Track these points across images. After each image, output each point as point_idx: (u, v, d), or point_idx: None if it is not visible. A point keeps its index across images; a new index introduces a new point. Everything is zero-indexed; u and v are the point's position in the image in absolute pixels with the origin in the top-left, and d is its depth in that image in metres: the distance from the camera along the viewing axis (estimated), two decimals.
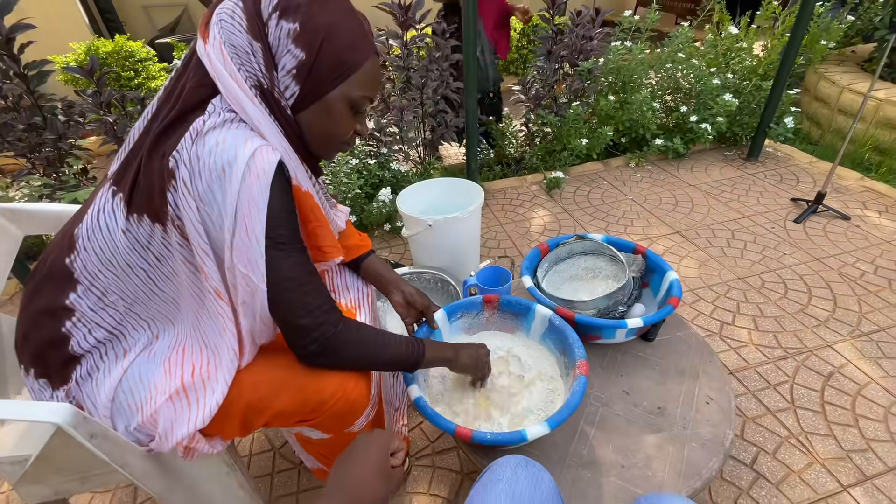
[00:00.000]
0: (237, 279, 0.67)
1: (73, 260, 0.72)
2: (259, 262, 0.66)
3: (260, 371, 0.78)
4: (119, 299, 0.74)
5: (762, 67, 2.87)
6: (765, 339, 1.58)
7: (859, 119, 2.05)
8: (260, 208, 0.64)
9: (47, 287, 0.75)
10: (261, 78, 0.66)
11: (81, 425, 0.65)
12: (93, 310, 0.74)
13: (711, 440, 0.95)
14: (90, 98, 2.23)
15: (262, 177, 0.64)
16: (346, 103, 0.71)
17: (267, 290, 0.68)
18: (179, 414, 0.73)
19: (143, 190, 0.67)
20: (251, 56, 0.65)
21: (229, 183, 0.62)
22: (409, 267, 1.73)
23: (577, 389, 0.88)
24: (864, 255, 1.94)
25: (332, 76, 0.68)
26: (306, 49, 0.66)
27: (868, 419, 1.30)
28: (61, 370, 0.75)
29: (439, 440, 1.33)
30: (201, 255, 0.67)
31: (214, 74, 0.64)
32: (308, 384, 0.79)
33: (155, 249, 0.70)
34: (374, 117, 2.48)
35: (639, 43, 2.80)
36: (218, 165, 0.62)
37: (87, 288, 0.73)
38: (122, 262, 0.71)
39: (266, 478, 1.27)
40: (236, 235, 0.64)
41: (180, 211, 0.65)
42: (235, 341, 0.74)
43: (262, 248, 0.66)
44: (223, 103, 0.65)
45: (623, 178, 2.69)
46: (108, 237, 0.70)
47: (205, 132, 0.63)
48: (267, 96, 0.67)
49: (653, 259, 1.26)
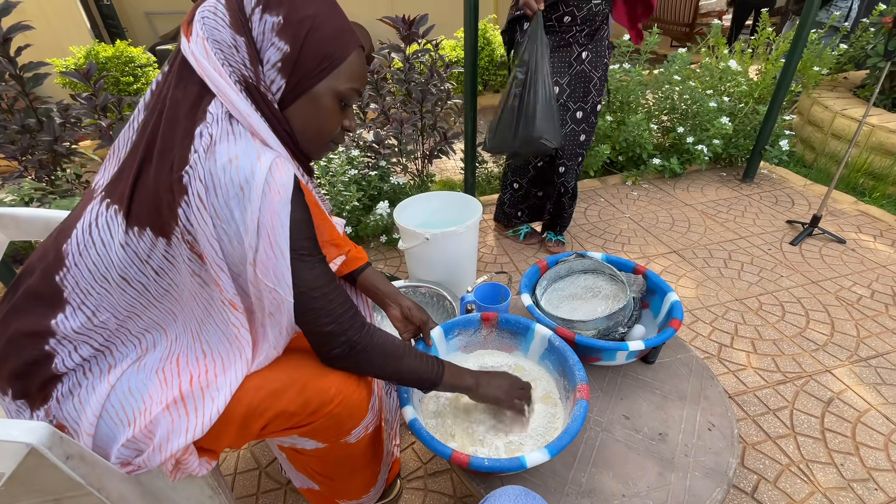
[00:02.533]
0: (262, 293, 0.68)
1: (63, 277, 0.69)
2: (286, 275, 0.67)
3: (260, 374, 0.76)
4: (111, 317, 0.71)
5: (758, 91, 2.91)
6: (763, 362, 1.56)
7: (853, 144, 2.07)
8: (283, 223, 0.65)
9: (31, 306, 0.71)
10: (245, 73, 0.65)
11: (57, 446, 0.61)
12: (78, 332, 0.70)
13: (714, 469, 0.92)
14: (84, 101, 2.21)
15: (282, 192, 0.64)
16: (333, 96, 0.70)
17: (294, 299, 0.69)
18: (178, 423, 0.70)
19: (146, 203, 0.65)
20: (234, 51, 0.64)
21: (249, 201, 0.62)
22: (404, 280, 1.70)
23: (579, 414, 0.85)
24: (860, 279, 1.94)
25: (318, 68, 0.68)
26: (291, 41, 0.65)
27: (869, 447, 1.28)
28: (42, 389, 0.71)
29: (432, 462, 1.29)
30: (216, 269, 0.66)
31: (201, 72, 0.63)
32: (311, 383, 0.78)
33: (154, 263, 0.68)
34: (373, 129, 2.47)
35: (637, 66, 2.84)
36: (235, 184, 0.61)
37: (77, 307, 0.69)
38: (117, 276, 0.68)
39: (251, 498, 1.22)
40: (260, 251, 0.64)
41: (193, 227, 0.64)
42: (250, 349, 0.74)
43: (287, 262, 0.66)
44: (219, 108, 0.64)
45: (620, 195, 2.69)
46: (102, 252, 0.67)
47: (214, 146, 0.62)
48: (252, 92, 0.66)
49: (653, 279, 1.25)
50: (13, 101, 2.22)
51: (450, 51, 4.16)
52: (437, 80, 2.43)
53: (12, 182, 2.14)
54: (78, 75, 2.15)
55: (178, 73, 0.65)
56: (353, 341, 0.76)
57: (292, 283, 0.68)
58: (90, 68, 2.17)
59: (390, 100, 2.53)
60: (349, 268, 1.03)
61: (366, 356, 0.79)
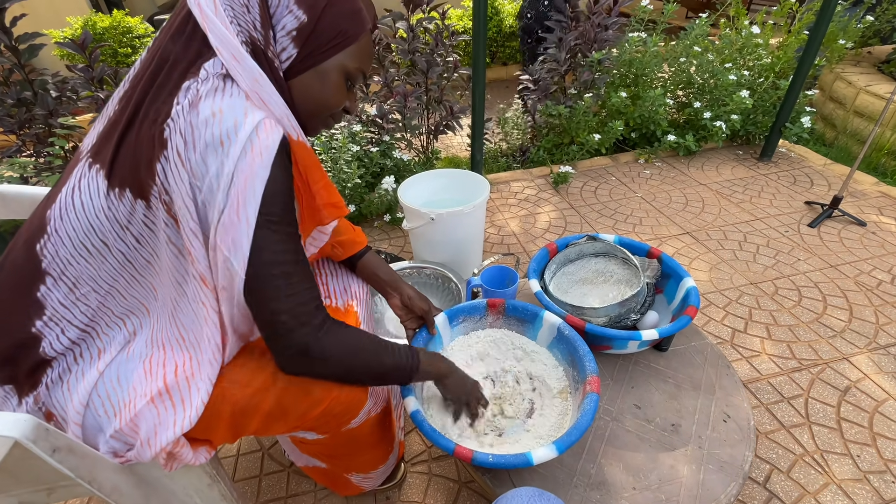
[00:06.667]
0: (218, 261, 0.62)
1: (43, 245, 0.65)
2: (244, 244, 0.60)
3: (244, 370, 0.72)
4: (91, 290, 0.67)
5: (779, 65, 2.78)
6: (778, 348, 1.52)
7: (879, 122, 1.97)
8: (256, 187, 0.59)
9: (14, 281, 0.67)
10: (254, 34, 0.61)
11: (43, 439, 0.58)
12: (63, 304, 0.66)
13: (729, 462, 0.89)
14: (81, 73, 2.14)
15: (264, 154, 0.58)
16: (341, 73, 0.67)
17: (248, 273, 0.61)
18: (164, 417, 0.66)
19: (127, 160, 0.61)
20: (246, 10, 0.60)
21: (226, 156, 0.57)
22: (409, 261, 1.66)
23: (589, 408, 0.82)
24: (880, 263, 1.87)
25: (331, 43, 0.64)
26: (309, 11, 0.62)
27: (886, 438, 1.24)
28: (30, 375, 0.68)
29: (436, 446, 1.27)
30: (189, 234, 0.61)
31: (205, 25, 0.58)
32: (290, 388, 0.73)
33: (135, 230, 0.63)
34: (376, 103, 2.39)
35: (653, 35, 2.71)
36: (216, 138, 0.57)
37: (57, 278, 0.65)
38: (97, 242, 0.64)
39: (253, 480, 1.21)
40: (225, 213, 0.59)
41: (170, 185, 0.59)
42: (218, 333, 0.68)
43: (250, 230, 0.60)
44: (216, 67, 0.59)
45: (632, 174, 2.61)
46: (82, 215, 0.63)
47: (199, 100, 0.57)
48: (259, 55, 0.61)
49: (669, 264, 1.19)
50: (9, 74, 2.15)
51: (456, 20, 4.01)
52: (443, 49, 2.33)
53: (8, 157, 2.10)
54: (73, 46, 2.08)
55: (179, 29, 0.61)
56: (312, 340, 0.67)
57: (252, 251, 0.60)
58: (85, 38, 2.09)
59: (394, 72, 2.43)
60: (348, 252, 0.99)
61: (327, 360, 0.70)
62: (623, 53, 2.65)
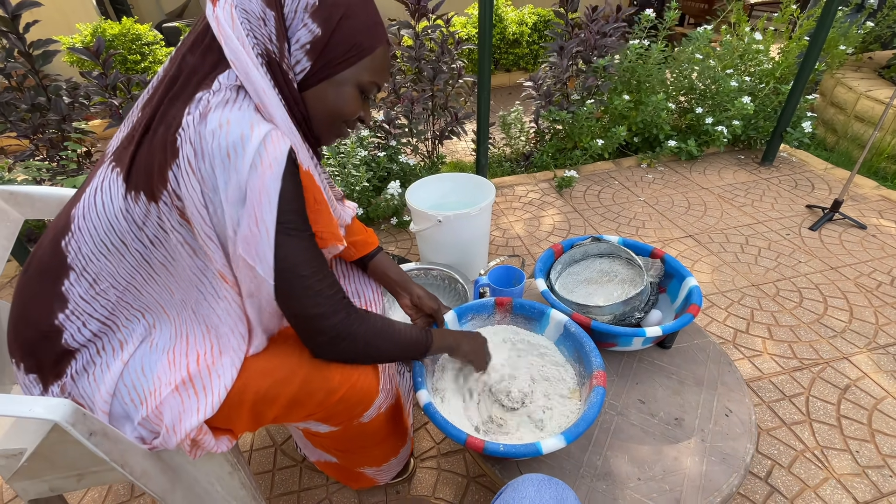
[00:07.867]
0: (241, 271, 0.65)
1: (67, 242, 0.69)
2: (267, 255, 0.64)
3: (267, 359, 0.76)
4: (110, 286, 0.70)
5: (780, 70, 2.82)
6: (779, 348, 1.54)
7: (878, 127, 2.00)
8: (272, 199, 0.62)
9: (41, 276, 0.71)
10: (270, 47, 0.63)
11: (80, 422, 0.62)
12: (84, 299, 0.70)
13: (731, 455, 0.92)
14: (95, 80, 2.19)
15: (274, 166, 0.61)
16: (355, 85, 0.69)
17: (276, 278, 0.66)
18: (187, 404, 0.70)
19: (143, 165, 0.64)
20: (262, 23, 0.62)
21: (234, 170, 0.59)
22: (416, 263, 1.69)
23: (595, 401, 0.85)
24: (880, 265, 1.90)
25: (346, 56, 0.66)
26: (323, 25, 0.64)
27: (885, 434, 1.27)
28: (54, 365, 0.72)
29: (445, 442, 1.30)
30: (204, 237, 0.64)
31: (221, 38, 0.61)
32: (313, 374, 0.77)
33: (149, 231, 0.67)
34: (383, 108, 2.43)
35: (658, 42, 2.75)
36: (223, 149, 0.59)
37: (80, 274, 0.69)
38: (116, 241, 0.67)
39: (267, 474, 1.24)
40: (242, 226, 0.62)
41: (182, 192, 0.62)
42: (242, 324, 0.72)
43: (271, 240, 0.63)
44: (230, 79, 0.62)
45: (635, 178, 2.65)
46: (102, 215, 0.67)
47: (210, 111, 0.60)
48: (274, 68, 0.64)
49: (671, 264, 1.22)
50: (23, 79, 2.20)
51: (460, 27, 4.07)
52: (448, 57, 2.38)
53: (22, 162, 2.14)
54: (87, 52, 2.13)
55: (197, 40, 0.64)
56: (342, 326, 0.72)
57: (276, 259, 0.64)
58: (99, 45, 2.15)
59: (400, 78, 2.48)
60: (360, 252, 1.02)
61: (355, 343, 0.75)
62: (626, 59, 2.69)
